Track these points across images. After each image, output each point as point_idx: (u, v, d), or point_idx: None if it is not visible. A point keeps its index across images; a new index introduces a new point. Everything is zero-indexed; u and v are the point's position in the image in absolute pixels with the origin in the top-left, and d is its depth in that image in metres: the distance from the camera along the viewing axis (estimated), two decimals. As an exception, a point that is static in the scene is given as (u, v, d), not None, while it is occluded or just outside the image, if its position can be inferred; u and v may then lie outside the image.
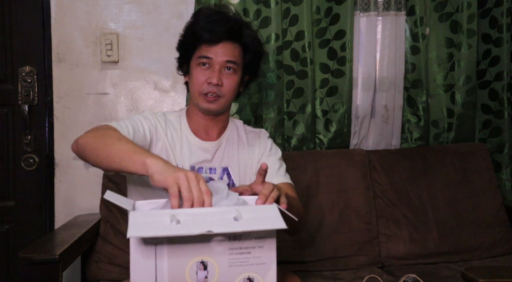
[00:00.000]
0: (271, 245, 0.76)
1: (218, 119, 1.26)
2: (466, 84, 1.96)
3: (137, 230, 0.71)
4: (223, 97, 1.19)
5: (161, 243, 0.74)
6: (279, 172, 1.26)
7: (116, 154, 0.93)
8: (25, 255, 1.25)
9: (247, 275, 0.75)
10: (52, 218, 1.84)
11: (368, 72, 1.94)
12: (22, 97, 1.79)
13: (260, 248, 0.75)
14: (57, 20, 1.81)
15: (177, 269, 0.74)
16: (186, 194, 0.79)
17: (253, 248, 0.75)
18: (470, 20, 1.93)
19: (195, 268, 0.74)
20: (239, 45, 1.22)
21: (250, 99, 1.84)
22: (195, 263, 0.74)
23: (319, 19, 1.87)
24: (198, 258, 0.75)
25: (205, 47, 1.19)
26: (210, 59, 1.18)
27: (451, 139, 1.99)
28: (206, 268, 0.75)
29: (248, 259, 0.75)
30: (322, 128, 1.92)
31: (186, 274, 0.74)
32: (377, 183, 1.81)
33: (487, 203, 1.84)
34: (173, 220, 0.73)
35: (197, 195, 0.80)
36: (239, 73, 1.22)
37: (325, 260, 1.69)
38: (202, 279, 0.74)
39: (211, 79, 1.17)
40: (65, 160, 1.83)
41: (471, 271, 1.14)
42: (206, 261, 0.74)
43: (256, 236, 0.75)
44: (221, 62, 1.18)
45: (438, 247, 1.75)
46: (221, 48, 1.18)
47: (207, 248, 0.75)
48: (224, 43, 1.18)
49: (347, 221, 1.73)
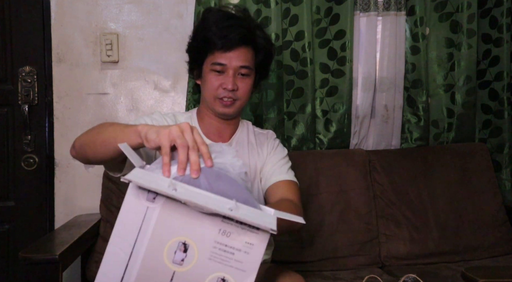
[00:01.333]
0: (258, 255, 0.71)
1: (232, 121, 1.27)
2: (466, 84, 1.96)
3: (137, 178, 0.70)
4: (239, 100, 1.21)
5: (153, 204, 0.72)
6: (282, 169, 1.26)
7: (110, 135, 0.91)
8: (25, 255, 1.25)
9: (223, 275, 0.70)
10: (52, 218, 1.84)
11: (368, 72, 1.94)
12: (22, 97, 1.79)
13: (245, 254, 0.70)
14: (57, 20, 1.82)
15: (159, 241, 0.71)
16: (179, 141, 0.76)
17: (238, 251, 0.70)
18: (470, 20, 1.92)
19: (176, 247, 0.71)
20: (252, 48, 1.22)
21: (250, 99, 1.83)
22: (177, 242, 0.71)
23: (319, 19, 1.87)
24: (182, 237, 0.71)
25: (218, 53, 1.18)
26: (224, 66, 1.19)
27: (451, 139, 1.99)
28: (186, 251, 0.71)
29: (230, 260, 0.70)
30: (322, 128, 1.92)
31: (165, 250, 0.71)
32: (377, 183, 1.81)
33: (487, 203, 1.84)
34: (171, 186, 0.70)
35: (192, 144, 0.76)
36: (253, 75, 1.24)
37: (325, 260, 1.69)
38: (178, 261, 0.71)
39: (225, 84, 1.18)
40: (65, 160, 1.83)
41: (471, 271, 1.14)
42: (188, 244, 0.71)
43: (246, 239, 0.71)
44: (235, 68, 1.19)
45: (438, 247, 1.75)
46: (235, 53, 1.18)
47: (194, 229, 0.71)
48: (238, 49, 1.18)
49: (347, 221, 1.73)
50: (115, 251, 0.72)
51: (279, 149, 1.32)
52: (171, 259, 0.71)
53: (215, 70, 1.19)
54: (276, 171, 1.25)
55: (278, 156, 1.29)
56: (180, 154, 0.75)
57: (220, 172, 0.77)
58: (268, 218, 0.73)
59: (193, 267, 0.71)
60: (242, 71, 1.20)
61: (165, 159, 0.75)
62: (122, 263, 0.71)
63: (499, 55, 1.97)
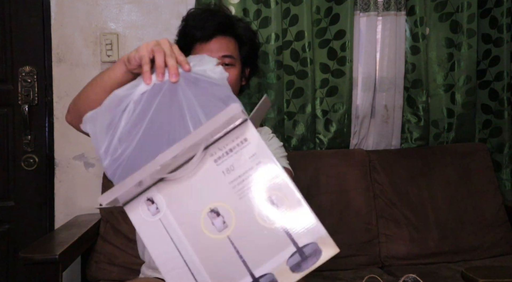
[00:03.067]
0: (257, 142, 0.66)
1: None
2: (466, 84, 1.96)
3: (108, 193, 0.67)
4: None
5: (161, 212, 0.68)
6: (274, 154, 1.23)
7: (97, 78, 0.92)
8: (25, 255, 1.25)
9: (263, 194, 0.65)
10: (52, 218, 1.84)
11: (368, 72, 1.94)
12: (22, 97, 1.79)
13: (255, 159, 0.65)
14: (57, 20, 1.82)
15: (193, 228, 0.66)
16: (156, 48, 0.76)
17: (250, 168, 0.65)
18: (470, 20, 1.92)
19: (209, 220, 0.66)
20: (233, 38, 1.21)
21: (250, 99, 1.84)
22: (205, 215, 0.66)
23: (319, 19, 1.87)
24: (204, 208, 0.66)
25: (199, 46, 1.18)
26: None
27: (451, 139, 1.99)
28: (219, 214, 0.66)
29: (252, 179, 0.65)
30: (322, 128, 1.92)
31: (204, 229, 0.66)
32: (377, 183, 1.81)
33: (487, 203, 1.84)
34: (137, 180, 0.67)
35: (169, 52, 0.76)
36: (238, 66, 1.22)
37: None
38: (221, 227, 0.66)
39: None
40: (65, 160, 1.83)
41: (471, 271, 1.14)
42: (215, 207, 0.66)
43: (243, 152, 0.66)
44: (218, 58, 1.17)
45: (438, 247, 1.75)
46: (215, 44, 1.18)
47: (205, 192, 0.66)
48: (217, 38, 1.18)
49: (347, 221, 1.73)
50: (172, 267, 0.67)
51: (273, 141, 1.29)
52: (215, 231, 0.66)
53: None
54: None
55: (272, 147, 1.26)
56: (157, 59, 0.76)
57: (199, 77, 0.76)
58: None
59: (236, 218, 0.66)
60: (226, 61, 1.18)
61: (145, 68, 0.76)
62: (185, 270, 0.66)
63: (499, 55, 1.97)
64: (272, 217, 0.65)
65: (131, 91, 0.76)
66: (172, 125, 0.74)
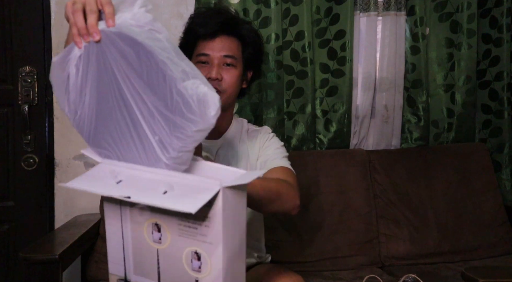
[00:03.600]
0: (217, 226, 0.69)
1: (221, 117, 1.25)
2: (466, 84, 1.96)
3: (79, 181, 0.78)
4: (224, 92, 1.17)
5: (123, 204, 0.78)
6: (277, 156, 1.22)
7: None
8: (25, 255, 1.25)
9: (195, 249, 0.72)
10: (52, 218, 1.84)
11: (368, 72, 1.94)
12: (22, 97, 1.79)
13: (206, 227, 0.70)
14: (57, 20, 1.81)
15: (138, 226, 0.78)
16: (74, 7, 0.72)
17: (199, 225, 0.71)
18: (470, 20, 1.93)
19: (151, 228, 0.76)
20: (237, 39, 1.20)
21: (250, 99, 1.84)
22: (151, 223, 0.76)
23: (319, 19, 1.87)
24: (153, 219, 0.75)
25: (202, 43, 1.18)
26: (208, 56, 1.17)
27: (451, 139, 1.99)
28: (159, 230, 0.75)
29: (196, 235, 0.72)
30: (322, 128, 1.92)
31: (145, 232, 0.77)
32: (377, 183, 1.81)
33: (487, 203, 1.84)
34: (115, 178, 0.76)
35: (90, 6, 0.72)
36: (239, 68, 1.21)
37: (325, 260, 1.69)
38: (156, 240, 0.76)
39: (209, 74, 1.15)
40: (65, 160, 1.83)
41: (471, 271, 1.14)
42: (160, 225, 0.75)
43: (200, 215, 0.70)
44: (219, 57, 1.17)
45: (438, 247, 1.75)
46: (218, 43, 1.17)
47: (161, 212, 0.74)
48: (221, 37, 1.18)
49: (347, 221, 1.73)
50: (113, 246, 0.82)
51: (273, 140, 1.28)
52: (151, 239, 0.76)
53: (200, 61, 1.18)
54: (271, 158, 1.21)
55: (272, 147, 1.25)
56: (75, 20, 0.72)
57: (123, 30, 0.72)
58: (205, 194, 0.71)
59: (169, 244, 0.74)
60: (227, 61, 1.17)
61: (73, 30, 0.73)
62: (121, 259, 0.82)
63: (499, 55, 1.97)
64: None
65: (68, 56, 0.76)
66: (111, 86, 0.76)
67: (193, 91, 0.70)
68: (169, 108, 0.71)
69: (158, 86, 0.71)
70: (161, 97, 0.72)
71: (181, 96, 0.70)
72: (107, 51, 0.73)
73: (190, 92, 0.70)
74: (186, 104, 0.70)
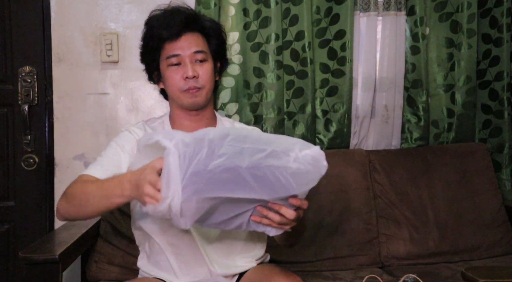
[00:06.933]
0: None
1: (203, 116, 1.24)
2: (466, 84, 1.96)
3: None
4: (203, 88, 1.18)
5: None
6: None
7: (106, 198, 0.99)
8: (25, 255, 1.25)
9: None
10: (52, 218, 1.84)
11: (368, 72, 1.94)
12: (22, 97, 1.79)
13: None
14: (57, 20, 1.82)
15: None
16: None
17: None
18: (470, 20, 1.93)
19: None
20: (201, 34, 1.21)
21: (250, 99, 1.84)
22: None
23: (319, 19, 1.87)
24: None
25: (168, 45, 1.18)
26: (178, 56, 1.17)
27: (451, 139, 1.99)
28: None
29: None
30: (322, 128, 1.92)
31: None
32: (377, 183, 1.81)
33: (487, 203, 1.84)
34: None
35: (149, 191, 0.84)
36: (210, 61, 1.22)
37: (325, 260, 1.69)
38: None
39: (186, 73, 1.15)
40: (65, 160, 1.83)
41: (471, 271, 1.14)
42: None
43: None
44: (190, 55, 1.17)
45: (438, 247, 1.75)
46: (185, 41, 1.17)
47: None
48: (186, 35, 1.17)
49: (347, 221, 1.73)
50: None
51: None
52: None
53: (171, 64, 1.18)
54: None
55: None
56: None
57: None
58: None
59: None
60: (198, 57, 1.18)
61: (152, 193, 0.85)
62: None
63: (499, 55, 1.97)
64: None
65: None
66: None
67: (304, 159, 0.90)
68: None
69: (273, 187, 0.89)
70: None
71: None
72: None
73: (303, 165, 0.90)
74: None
